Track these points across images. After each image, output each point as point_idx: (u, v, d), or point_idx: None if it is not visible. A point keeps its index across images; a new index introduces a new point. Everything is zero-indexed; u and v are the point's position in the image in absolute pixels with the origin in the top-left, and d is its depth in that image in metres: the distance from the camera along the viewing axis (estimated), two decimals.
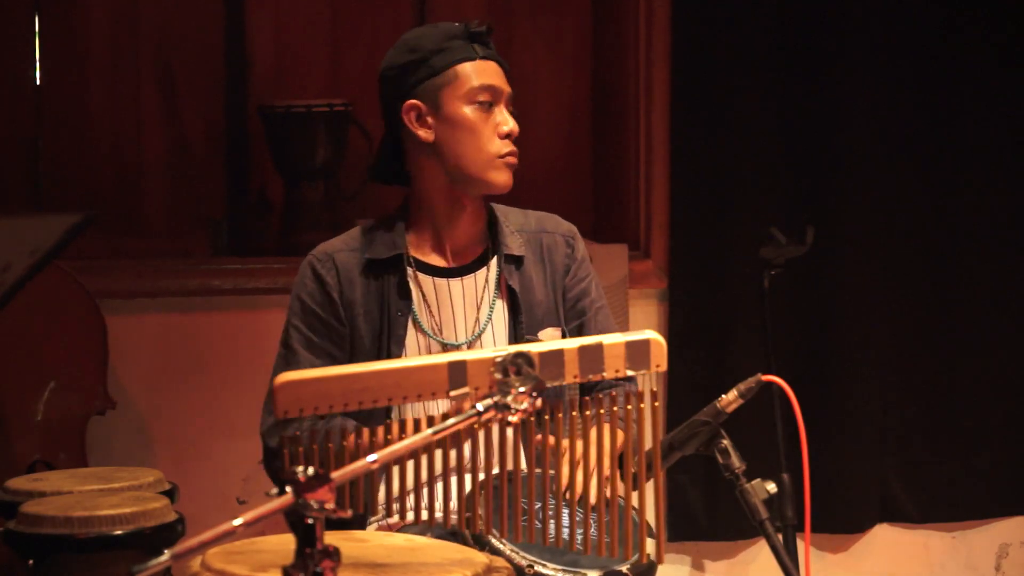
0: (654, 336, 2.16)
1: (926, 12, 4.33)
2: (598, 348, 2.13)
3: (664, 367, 2.15)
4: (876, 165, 4.32)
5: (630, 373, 2.15)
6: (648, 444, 2.28)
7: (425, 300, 2.77)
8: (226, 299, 4.14)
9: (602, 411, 2.23)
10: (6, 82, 4.35)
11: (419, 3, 4.55)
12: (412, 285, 2.77)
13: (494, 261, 2.81)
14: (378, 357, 2.72)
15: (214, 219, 4.48)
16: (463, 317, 2.77)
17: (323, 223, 4.32)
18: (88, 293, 3.81)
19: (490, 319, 2.78)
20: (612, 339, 2.15)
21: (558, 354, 2.12)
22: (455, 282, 2.78)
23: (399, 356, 2.73)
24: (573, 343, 2.15)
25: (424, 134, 2.74)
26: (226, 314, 4.14)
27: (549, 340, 2.75)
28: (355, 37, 4.54)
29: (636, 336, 2.16)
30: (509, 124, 2.74)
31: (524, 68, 4.58)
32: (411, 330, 2.75)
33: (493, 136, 2.73)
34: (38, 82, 4.36)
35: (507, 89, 2.76)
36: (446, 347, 2.74)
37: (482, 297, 2.79)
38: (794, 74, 4.28)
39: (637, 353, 2.14)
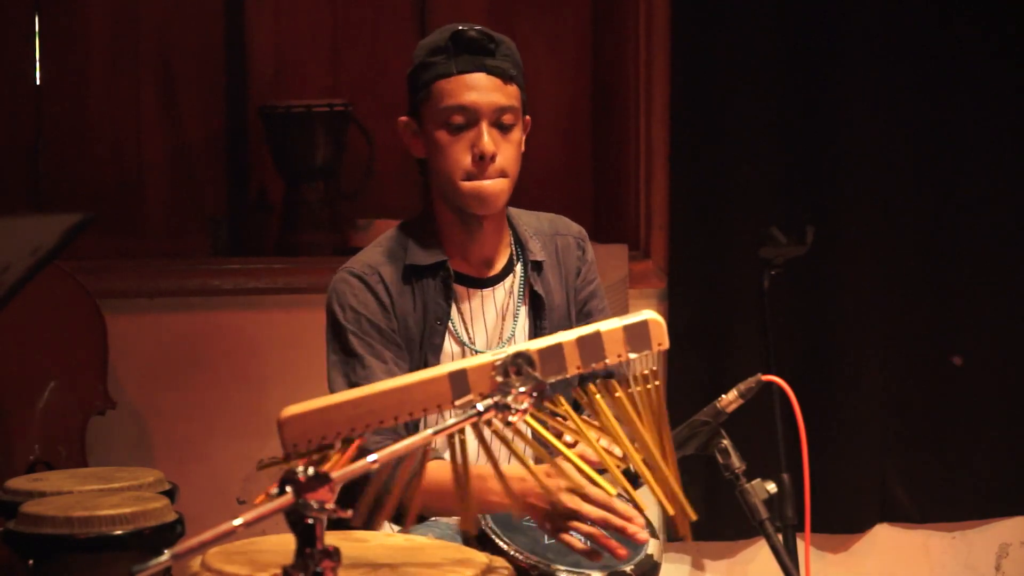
0: (652, 316, 2.15)
1: (926, 12, 4.33)
2: (596, 336, 2.12)
3: (666, 345, 2.14)
4: (876, 165, 4.32)
5: (632, 356, 2.14)
6: (649, 429, 2.25)
7: (459, 310, 2.73)
8: (226, 299, 4.14)
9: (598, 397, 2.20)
10: (6, 82, 4.35)
11: (419, 3, 4.55)
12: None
13: (519, 268, 2.78)
14: (415, 365, 2.67)
15: (214, 219, 4.48)
16: (495, 326, 2.75)
17: (323, 223, 4.31)
18: (88, 293, 3.81)
19: (515, 327, 2.76)
20: (609, 325, 2.14)
21: (557, 348, 2.11)
22: (487, 292, 2.75)
23: (435, 365, 2.65)
24: (570, 335, 2.14)
25: (414, 150, 2.72)
26: (226, 314, 4.14)
27: None
28: (355, 37, 4.54)
29: (633, 319, 2.14)
30: (482, 147, 2.63)
31: (524, 68, 4.57)
32: (447, 339, 2.72)
33: (463, 157, 2.64)
34: (38, 82, 4.36)
35: (492, 104, 2.64)
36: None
37: (507, 306, 2.76)
38: (794, 74, 4.29)
39: (636, 335, 2.13)
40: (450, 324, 2.71)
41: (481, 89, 2.64)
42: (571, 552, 2.39)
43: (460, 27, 2.68)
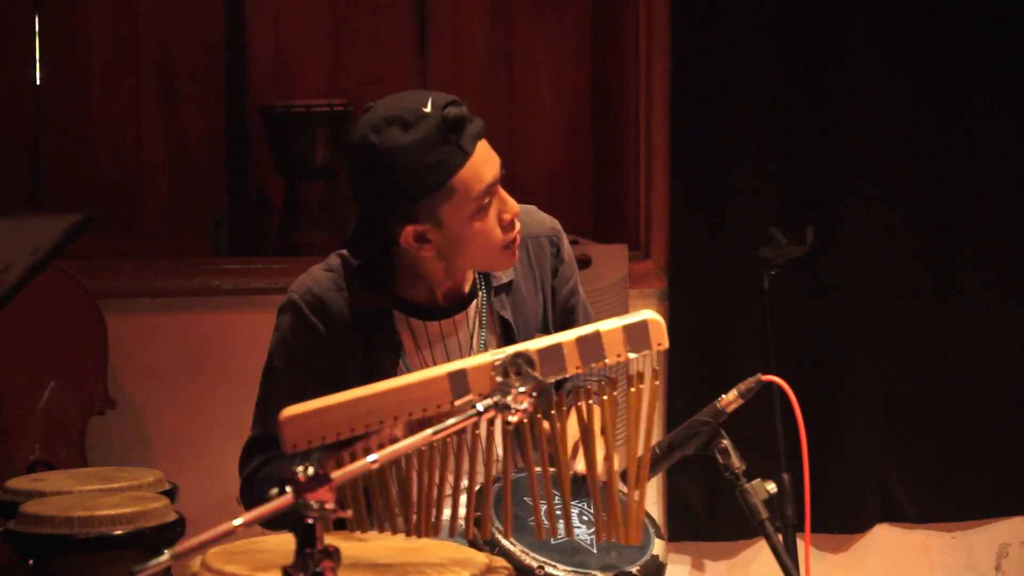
0: (651, 315, 2.15)
1: (926, 12, 4.32)
2: (596, 336, 2.12)
3: (666, 344, 2.14)
4: (876, 165, 4.32)
5: (632, 356, 2.14)
6: (648, 424, 2.24)
7: (416, 344, 2.62)
8: (226, 299, 4.14)
9: (594, 400, 2.20)
10: (6, 82, 4.35)
11: (419, 3, 4.55)
12: (403, 331, 2.63)
13: (482, 294, 2.67)
14: None
15: (214, 219, 4.48)
16: (458, 356, 2.62)
17: (323, 223, 4.31)
18: (88, 293, 3.81)
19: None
20: (609, 325, 2.14)
21: (557, 348, 2.11)
22: (447, 323, 2.64)
23: None
24: (570, 335, 2.13)
25: (427, 251, 2.53)
26: (226, 314, 4.13)
27: None
28: (355, 37, 4.54)
29: (633, 319, 2.15)
30: (510, 210, 2.53)
31: (524, 68, 4.58)
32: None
33: (497, 228, 2.53)
34: (38, 82, 4.36)
35: (499, 170, 2.51)
36: None
37: (473, 331, 2.66)
38: (794, 74, 4.28)
39: (636, 335, 2.13)
40: (403, 360, 2.60)
41: (489, 158, 2.51)
42: (577, 552, 2.39)
43: (427, 110, 2.47)
